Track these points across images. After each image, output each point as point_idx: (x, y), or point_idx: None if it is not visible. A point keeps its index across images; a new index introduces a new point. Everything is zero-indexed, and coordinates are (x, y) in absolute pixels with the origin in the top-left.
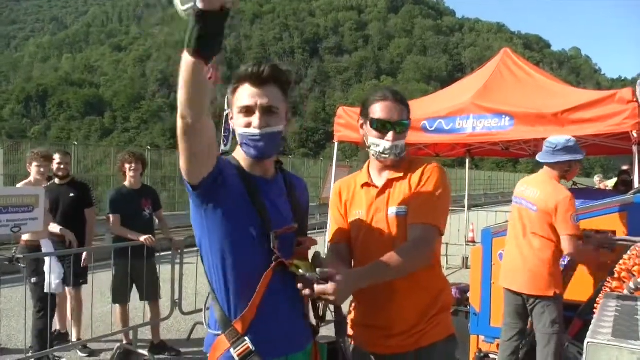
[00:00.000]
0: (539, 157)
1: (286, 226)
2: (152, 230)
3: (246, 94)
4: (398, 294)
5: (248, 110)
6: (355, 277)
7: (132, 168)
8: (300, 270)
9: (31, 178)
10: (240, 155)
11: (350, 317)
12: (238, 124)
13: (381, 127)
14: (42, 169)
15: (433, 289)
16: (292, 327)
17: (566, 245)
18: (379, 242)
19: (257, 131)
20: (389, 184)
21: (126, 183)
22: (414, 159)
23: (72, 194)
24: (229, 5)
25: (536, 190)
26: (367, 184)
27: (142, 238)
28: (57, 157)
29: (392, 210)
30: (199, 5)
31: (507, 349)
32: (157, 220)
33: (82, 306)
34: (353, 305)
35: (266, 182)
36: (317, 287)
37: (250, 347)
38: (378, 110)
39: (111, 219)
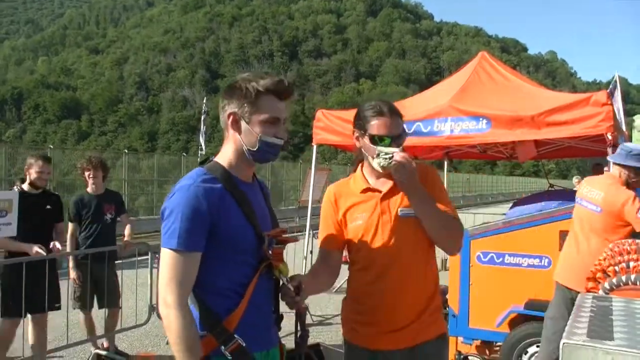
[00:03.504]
0: (610, 157)
1: (274, 230)
2: (114, 235)
3: (275, 106)
4: (396, 291)
5: (275, 121)
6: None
7: (90, 175)
8: (282, 276)
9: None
10: (233, 158)
11: (343, 314)
12: (263, 131)
13: (383, 143)
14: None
15: (430, 286)
16: (270, 323)
17: None
18: (386, 243)
19: (282, 142)
20: (395, 188)
21: (88, 189)
22: None
23: (48, 207)
24: None
25: (600, 192)
26: (369, 189)
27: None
28: (37, 165)
29: (403, 211)
30: None
31: (552, 342)
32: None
33: (45, 333)
34: (346, 301)
35: (250, 186)
36: (298, 299)
37: (241, 343)
38: (378, 127)
39: (69, 226)
